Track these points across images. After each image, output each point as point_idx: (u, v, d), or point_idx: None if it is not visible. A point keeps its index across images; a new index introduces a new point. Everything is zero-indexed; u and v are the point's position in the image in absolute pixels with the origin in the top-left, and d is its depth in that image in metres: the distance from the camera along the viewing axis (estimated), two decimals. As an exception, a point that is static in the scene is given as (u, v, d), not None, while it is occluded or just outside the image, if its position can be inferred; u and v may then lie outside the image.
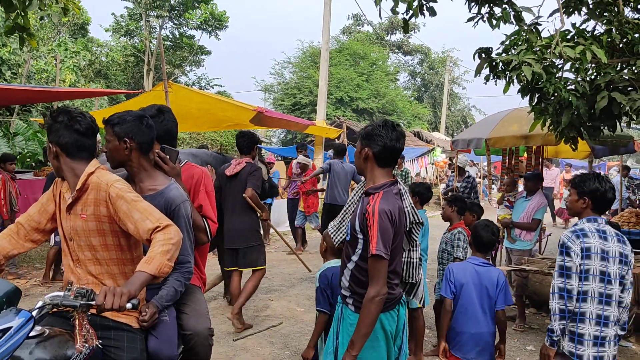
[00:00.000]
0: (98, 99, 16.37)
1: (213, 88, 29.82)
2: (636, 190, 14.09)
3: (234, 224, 5.37)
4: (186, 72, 29.01)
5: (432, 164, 20.45)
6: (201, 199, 2.85)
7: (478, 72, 4.83)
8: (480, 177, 22.71)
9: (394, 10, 3.61)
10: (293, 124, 12.60)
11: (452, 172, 9.50)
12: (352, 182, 9.05)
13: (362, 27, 37.48)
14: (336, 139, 17.44)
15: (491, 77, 4.86)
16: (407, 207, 2.67)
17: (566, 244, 3.02)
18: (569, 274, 2.97)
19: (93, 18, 27.40)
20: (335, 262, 3.25)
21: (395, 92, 31.37)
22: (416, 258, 2.84)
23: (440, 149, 22.06)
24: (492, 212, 10.84)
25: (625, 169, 12.47)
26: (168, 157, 2.68)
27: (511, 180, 7.65)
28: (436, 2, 4.05)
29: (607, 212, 13.61)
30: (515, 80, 4.44)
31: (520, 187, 7.34)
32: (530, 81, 3.97)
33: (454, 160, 9.63)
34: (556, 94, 4.26)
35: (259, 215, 5.55)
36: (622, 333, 3.15)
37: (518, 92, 4.76)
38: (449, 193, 8.19)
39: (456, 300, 3.63)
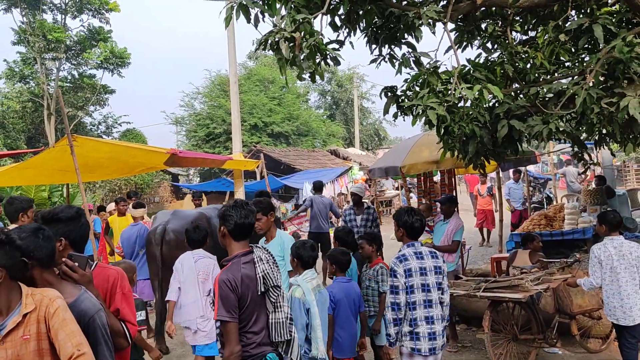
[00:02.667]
0: (-4, 155, 15.35)
1: (121, 126, 28.81)
2: (541, 189, 15.04)
3: None
4: (90, 112, 27.81)
5: (352, 182, 20.78)
6: (117, 302, 2.72)
7: (386, 111, 4.99)
8: (396, 188, 23.38)
9: (299, 77, 3.64)
10: (210, 161, 12.41)
11: (350, 204, 7.82)
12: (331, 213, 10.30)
13: (268, 51, 37.60)
14: (256, 169, 17.37)
15: (399, 114, 5.03)
16: (259, 273, 2.97)
17: (393, 268, 3.87)
18: (397, 291, 3.82)
19: (-18, 66, 25.69)
20: None
21: (307, 112, 31.77)
22: (283, 318, 3.08)
23: (358, 166, 22.49)
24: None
25: (517, 173, 12.84)
26: (77, 264, 2.53)
27: (427, 206, 7.89)
28: (338, 51, 4.12)
29: (519, 208, 14.43)
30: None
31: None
32: (437, 123, 4.14)
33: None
34: (461, 130, 4.45)
35: None
36: (446, 323, 4.00)
37: (425, 124, 4.93)
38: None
39: (335, 313, 4.42)
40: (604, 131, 5.63)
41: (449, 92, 4.18)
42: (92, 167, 9.87)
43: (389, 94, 4.97)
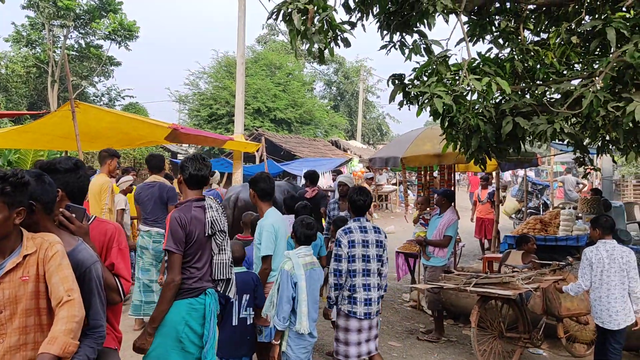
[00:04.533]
0: (-3, 116, 15.32)
1: (124, 99, 28.77)
2: (539, 195, 15.06)
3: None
4: (94, 83, 27.73)
5: (351, 173, 20.77)
6: (113, 257, 2.69)
7: (392, 98, 4.96)
8: (393, 184, 23.39)
9: (310, 51, 3.62)
10: (210, 139, 12.34)
11: (334, 196, 7.71)
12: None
13: (277, 36, 37.61)
14: (255, 152, 17.34)
15: (405, 103, 5.00)
16: (208, 218, 3.38)
17: (338, 239, 4.29)
18: (340, 259, 4.23)
19: (-10, 27, 25.57)
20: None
21: (312, 101, 31.66)
22: (226, 259, 3.49)
23: (358, 159, 22.47)
24: (404, 221, 11.14)
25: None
26: (74, 215, 2.52)
27: (425, 198, 7.86)
28: (350, 33, 4.10)
29: (514, 216, 14.40)
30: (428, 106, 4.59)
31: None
32: (442, 112, 4.12)
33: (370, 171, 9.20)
34: (465, 122, 4.44)
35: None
36: (383, 293, 4.49)
37: (430, 116, 4.92)
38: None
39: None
40: (607, 138, 5.63)
41: (457, 82, 4.17)
42: (92, 136, 9.83)
43: (397, 81, 4.94)
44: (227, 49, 67.54)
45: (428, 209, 7.69)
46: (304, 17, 3.35)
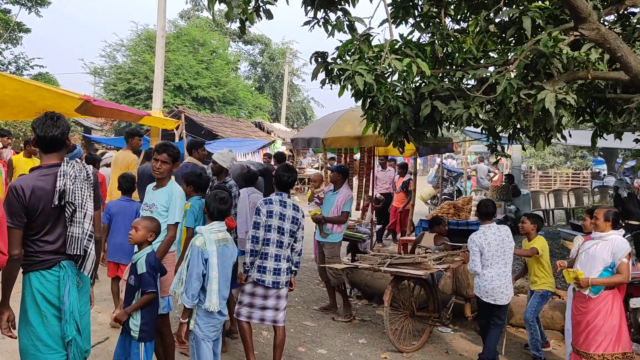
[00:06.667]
0: None
1: (33, 69, 26.86)
2: (453, 182, 15.64)
3: None
4: (0, 50, 25.68)
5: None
6: None
7: (314, 76, 4.90)
8: (317, 168, 23.51)
9: (228, 15, 3.45)
10: (126, 114, 11.73)
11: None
12: None
13: (202, 12, 36.52)
14: (175, 130, 16.77)
15: (327, 82, 4.95)
16: (59, 187, 3.04)
17: (258, 208, 4.54)
18: (258, 227, 4.48)
19: None
20: (150, 248, 3.85)
21: (236, 81, 31.09)
22: (78, 233, 3.15)
23: (281, 141, 22.35)
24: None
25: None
26: None
27: (318, 176, 7.80)
28: (273, 4, 3.97)
29: (429, 202, 14.88)
30: (349, 86, 4.56)
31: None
32: (363, 90, 4.09)
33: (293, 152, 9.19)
34: (386, 102, 4.46)
35: None
36: (296, 269, 4.74)
37: (352, 97, 4.89)
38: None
39: (110, 224, 5.31)
40: (518, 126, 5.86)
41: (379, 62, 4.15)
42: (-6, 105, 9.10)
43: (319, 59, 4.88)
44: (147, 21, 64.91)
45: (321, 187, 7.63)
46: (223, -20, 3.19)
